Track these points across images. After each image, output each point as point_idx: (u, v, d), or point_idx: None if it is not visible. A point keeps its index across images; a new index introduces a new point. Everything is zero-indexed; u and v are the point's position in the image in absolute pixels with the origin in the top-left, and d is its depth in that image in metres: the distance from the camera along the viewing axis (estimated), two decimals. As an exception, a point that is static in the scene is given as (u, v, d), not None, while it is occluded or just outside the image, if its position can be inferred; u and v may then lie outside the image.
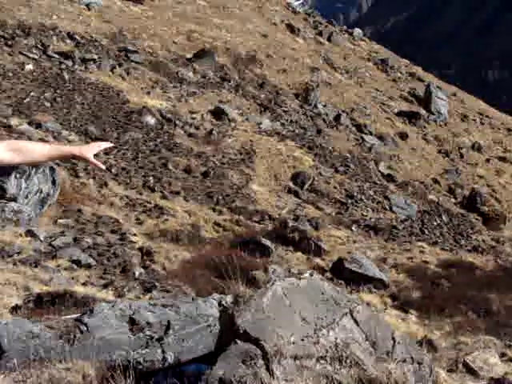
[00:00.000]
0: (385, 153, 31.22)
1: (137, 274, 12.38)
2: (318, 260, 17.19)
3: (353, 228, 21.37)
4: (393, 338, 4.74)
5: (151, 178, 19.39)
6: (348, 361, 4.20)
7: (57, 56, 26.70)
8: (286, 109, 31.48)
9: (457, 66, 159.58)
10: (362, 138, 31.97)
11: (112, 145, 3.40)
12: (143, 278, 12.14)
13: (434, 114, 39.54)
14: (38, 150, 3.02)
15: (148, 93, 26.75)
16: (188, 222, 16.76)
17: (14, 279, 9.45)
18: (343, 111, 34.46)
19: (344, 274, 15.95)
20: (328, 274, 15.96)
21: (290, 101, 32.94)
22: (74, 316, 6.16)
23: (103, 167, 3.30)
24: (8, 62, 24.52)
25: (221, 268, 11.83)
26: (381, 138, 33.07)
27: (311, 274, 4.55)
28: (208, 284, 12.05)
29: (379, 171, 28.41)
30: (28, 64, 24.93)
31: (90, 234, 13.97)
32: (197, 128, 25.18)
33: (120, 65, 28.26)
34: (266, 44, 39.74)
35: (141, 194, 18.07)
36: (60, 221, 14.29)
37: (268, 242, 16.32)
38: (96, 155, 3.18)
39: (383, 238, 21.17)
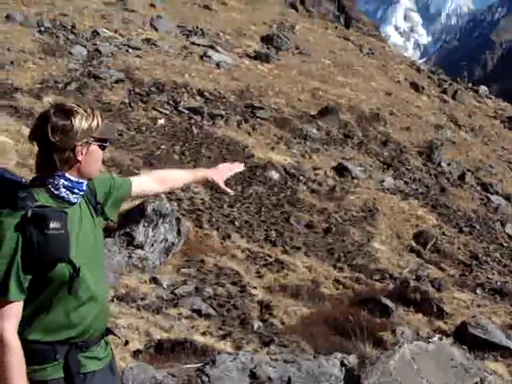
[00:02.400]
0: (512, 214, 29.95)
1: (255, 326, 12.39)
2: (439, 323, 16.54)
3: (477, 291, 20.48)
4: (527, 413, 4.46)
5: (273, 232, 19.56)
6: (478, 433, 3.99)
7: (187, 111, 27.89)
8: (409, 167, 31.05)
9: None
10: (487, 197, 30.91)
11: (243, 167, 3.60)
12: (261, 332, 12.12)
13: None
14: (177, 178, 3.40)
15: (273, 148, 27.24)
16: (308, 278, 16.68)
17: (137, 324, 9.69)
18: (468, 170, 33.54)
19: (467, 339, 15.22)
20: (450, 339, 15.31)
21: (413, 159, 32.49)
22: (196, 365, 6.26)
23: (232, 192, 3.72)
24: (142, 117, 25.89)
25: (341, 326, 11.67)
26: (508, 198, 31.81)
27: (440, 338, 4.40)
28: (326, 341, 11.88)
29: (506, 233, 27.23)
30: (160, 119, 26.21)
31: (211, 284, 14.18)
32: (320, 184, 25.29)
33: (246, 120, 29.05)
34: (389, 102, 39.64)
35: (262, 247, 18.24)
36: (183, 270, 14.60)
37: (388, 302, 15.92)
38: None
39: (510, 303, 20.13)
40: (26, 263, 2.51)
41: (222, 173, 3.52)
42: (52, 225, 2.49)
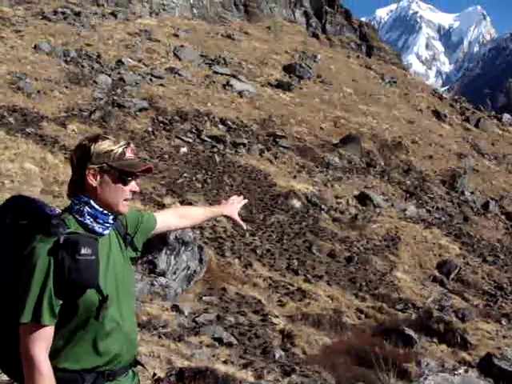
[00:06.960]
0: (537, 244, 29.59)
1: (277, 356, 12.30)
2: (463, 354, 16.28)
3: (502, 322, 20.18)
4: None
5: (295, 260, 19.51)
6: None
7: (209, 140, 28.11)
8: (431, 195, 30.92)
9: None
10: (512, 226, 30.65)
11: (246, 201, 3.74)
12: (283, 361, 12.02)
13: None
14: (197, 214, 3.50)
15: (294, 177, 27.30)
16: (330, 307, 16.57)
17: (158, 352, 9.66)
18: (492, 199, 33.33)
19: (492, 371, 14.94)
20: (475, 371, 15.05)
21: (436, 187, 32.36)
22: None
23: (244, 226, 3.83)
24: (165, 145, 26.13)
25: (363, 356, 11.55)
26: (533, 227, 31.48)
27: (466, 371, 4.35)
28: (348, 372, 11.76)
29: (531, 263, 26.91)
30: (183, 147, 26.42)
31: (232, 312, 14.13)
32: (342, 213, 25.24)
33: (268, 149, 29.19)
34: (411, 130, 39.60)
35: (284, 276, 18.18)
36: (205, 298, 14.58)
37: (411, 332, 15.73)
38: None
39: (536, 335, 19.80)
40: (58, 288, 2.55)
41: (234, 207, 3.57)
42: (83, 250, 2.54)
